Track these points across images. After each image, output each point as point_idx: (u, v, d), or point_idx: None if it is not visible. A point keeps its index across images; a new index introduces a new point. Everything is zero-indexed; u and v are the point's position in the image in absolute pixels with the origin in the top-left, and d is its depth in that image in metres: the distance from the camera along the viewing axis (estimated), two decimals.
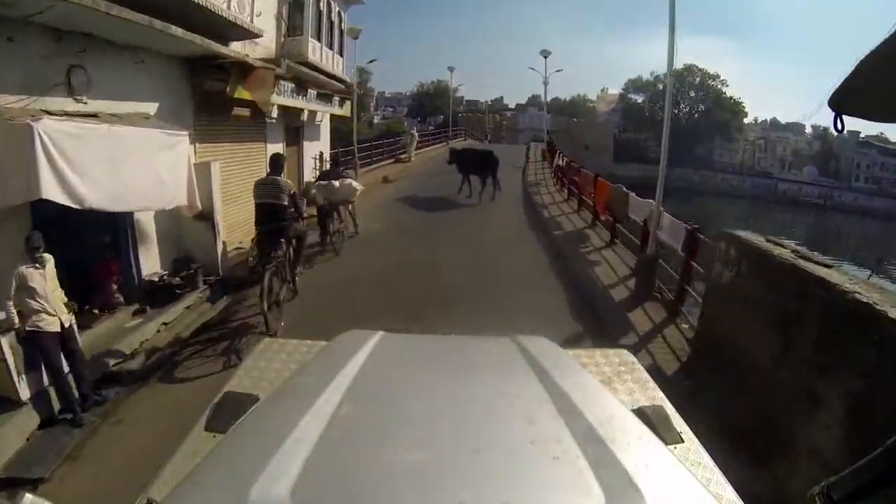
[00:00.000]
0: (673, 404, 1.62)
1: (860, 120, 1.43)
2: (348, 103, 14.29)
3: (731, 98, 49.54)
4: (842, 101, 1.34)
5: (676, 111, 50.46)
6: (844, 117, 1.36)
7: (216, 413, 1.52)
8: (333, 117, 14.37)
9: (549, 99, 74.91)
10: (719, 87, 49.80)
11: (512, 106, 69.11)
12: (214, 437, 1.41)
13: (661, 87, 50.71)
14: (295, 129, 11.70)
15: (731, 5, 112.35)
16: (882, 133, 48.95)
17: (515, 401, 1.22)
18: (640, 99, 53.54)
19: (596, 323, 5.51)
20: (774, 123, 56.94)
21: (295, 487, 0.87)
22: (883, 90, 1.27)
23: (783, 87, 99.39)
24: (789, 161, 51.58)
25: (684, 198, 29.77)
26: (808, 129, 56.96)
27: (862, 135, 47.30)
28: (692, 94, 50.72)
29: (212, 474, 0.97)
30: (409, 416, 1.16)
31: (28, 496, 0.90)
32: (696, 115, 49.89)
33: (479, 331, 4.30)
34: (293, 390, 1.31)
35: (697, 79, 50.07)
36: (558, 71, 25.06)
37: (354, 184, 8.30)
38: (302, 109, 11.10)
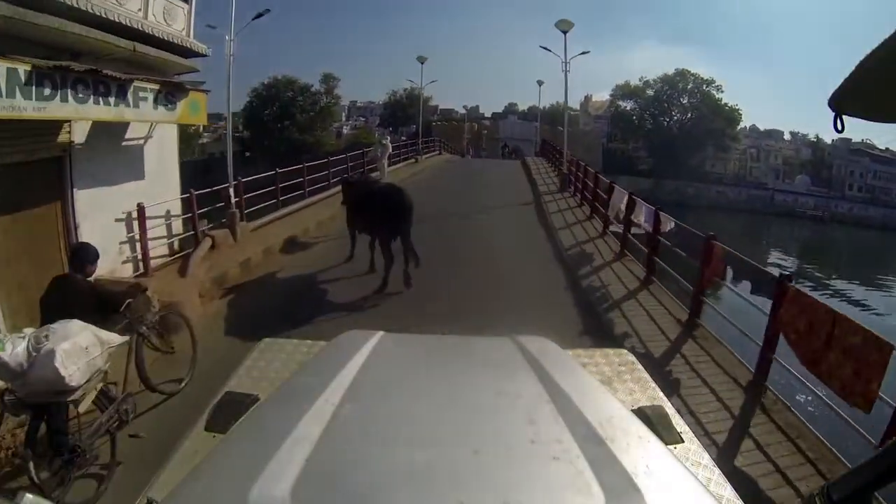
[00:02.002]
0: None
1: (850, 126, 1.41)
2: (195, 102, 7.23)
3: (726, 105, 49.10)
4: (842, 102, 1.36)
5: (667, 120, 50.39)
6: (844, 117, 1.39)
7: (216, 413, 1.56)
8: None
9: (526, 107, 74.66)
10: (714, 92, 49.33)
11: (488, 115, 68.62)
12: (214, 437, 1.45)
13: (650, 92, 50.50)
14: (45, 163, 5.84)
15: (697, 14, 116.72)
16: (868, 139, 50.20)
17: (515, 401, 1.26)
18: (628, 105, 53.19)
19: None
20: (754, 130, 57.96)
21: (295, 487, 0.91)
22: (883, 90, 1.28)
23: (756, 94, 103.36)
24: (782, 170, 52.12)
25: (679, 213, 29.08)
26: (787, 136, 58.35)
27: (852, 141, 48.42)
28: (684, 100, 50.44)
29: (212, 474, 1.01)
30: (409, 416, 1.21)
31: (28, 496, 0.94)
32: (688, 124, 49.57)
33: None
34: (293, 390, 1.36)
35: (689, 84, 49.86)
36: (583, 53, 19.01)
37: (64, 350, 3.00)
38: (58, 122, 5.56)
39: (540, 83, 35.73)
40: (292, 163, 13.27)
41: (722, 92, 49.37)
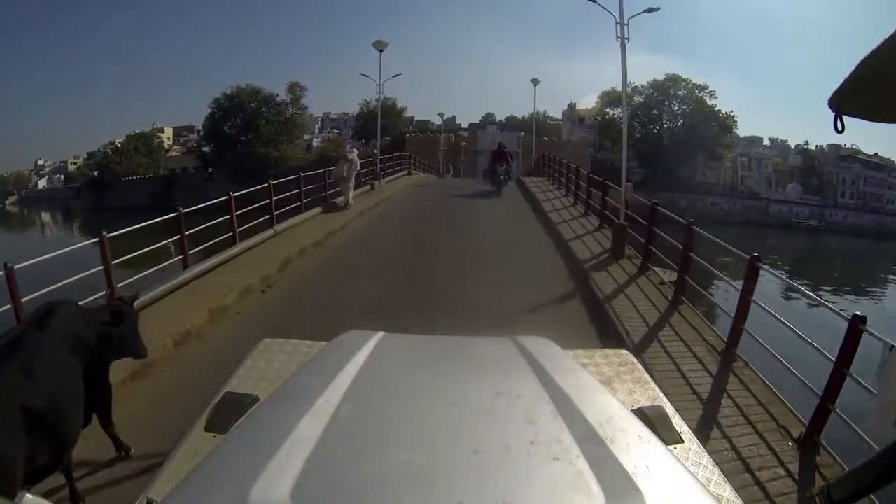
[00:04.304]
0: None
1: (844, 131, 1.46)
2: None
3: (719, 111, 49.62)
4: (841, 102, 1.42)
5: (657, 128, 51.20)
6: (845, 118, 1.43)
7: (216, 413, 1.64)
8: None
9: (503, 117, 74.53)
10: (707, 99, 49.81)
11: (465, 126, 69.29)
12: (214, 437, 1.52)
13: (639, 99, 50.97)
14: None
15: (672, 23, 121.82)
16: (855, 145, 52.21)
17: (515, 401, 1.33)
18: (616, 113, 52.82)
19: None
20: (733, 136, 59.73)
21: (295, 487, 0.96)
22: (883, 90, 1.33)
23: (733, 99, 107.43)
24: (775, 179, 53.69)
25: (675, 229, 29.49)
26: (766, 142, 60.42)
27: (843, 147, 50.25)
28: (675, 107, 51.02)
29: (212, 474, 1.06)
30: (409, 416, 1.28)
31: (28, 496, 1.02)
32: (679, 132, 49.93)
33: None
34: (293, 390, 1.42)
35: (681, 91, 50.32)
36: (651, 10, 12.90)
37: None
38: None
39: (535, 82, 32.00)
40: (256, 179, 12.36)
41: (715, 98, 49.88)
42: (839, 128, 1.44)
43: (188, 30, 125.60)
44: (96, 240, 6.31)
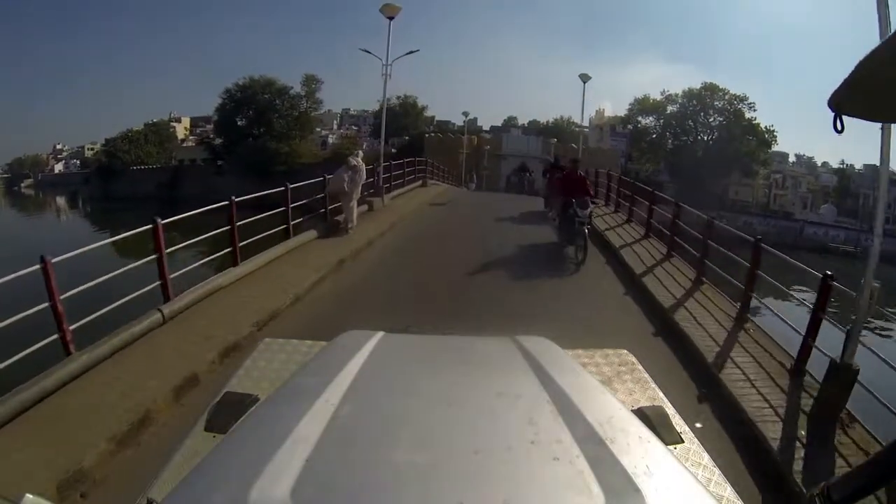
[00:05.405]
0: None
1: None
2: None
3: (757, 124, 48.33)
4: (841, 102, 1.44)
5: (690, 139, 50.27)
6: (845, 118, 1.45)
7: (216, 413, 1.70)
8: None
9: (526, 122, 73.64)
10: (745, 110, 48.69)
11: (486, 128, 69.18)
12: (214, 437, 1.58)
13: (672, 108, 50.35)
14: None
15: (695, 33, 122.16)
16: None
17: (515, 401, 1.37)
18: (648, 122, 52.52)
19: None
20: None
21: (295, 487, 0.99)
22: (883, 90, 1.35)
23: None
24: (810, 199, 52.77)
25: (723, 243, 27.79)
26: (792, 158, 59.63)
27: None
28: (711, 118, 50.06)
29: (212, 474, 1.09)
30: (409, 416, 1.31)
31: (29, 496, 1.02)
32: (714, 145, 48.79)
33: None
34: (293, 390, 1.47)
35: (720, 102, 49.33)
36: None
37: None
38: None
39: (585, 78, 24.28)
40: (265, 175, 11.34)
41: (754, 111, 48.65)
42: (839, 128, 1.46)
43: (214, 18, 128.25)
44: (149, 226, 6.13)
